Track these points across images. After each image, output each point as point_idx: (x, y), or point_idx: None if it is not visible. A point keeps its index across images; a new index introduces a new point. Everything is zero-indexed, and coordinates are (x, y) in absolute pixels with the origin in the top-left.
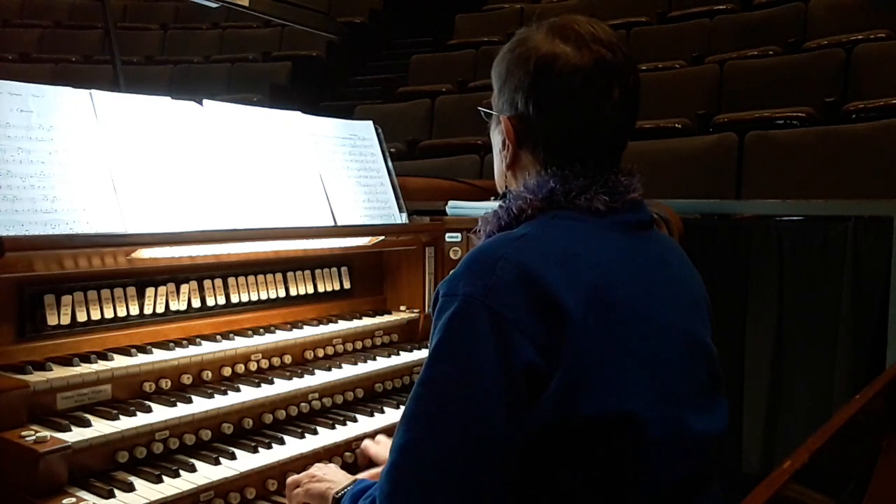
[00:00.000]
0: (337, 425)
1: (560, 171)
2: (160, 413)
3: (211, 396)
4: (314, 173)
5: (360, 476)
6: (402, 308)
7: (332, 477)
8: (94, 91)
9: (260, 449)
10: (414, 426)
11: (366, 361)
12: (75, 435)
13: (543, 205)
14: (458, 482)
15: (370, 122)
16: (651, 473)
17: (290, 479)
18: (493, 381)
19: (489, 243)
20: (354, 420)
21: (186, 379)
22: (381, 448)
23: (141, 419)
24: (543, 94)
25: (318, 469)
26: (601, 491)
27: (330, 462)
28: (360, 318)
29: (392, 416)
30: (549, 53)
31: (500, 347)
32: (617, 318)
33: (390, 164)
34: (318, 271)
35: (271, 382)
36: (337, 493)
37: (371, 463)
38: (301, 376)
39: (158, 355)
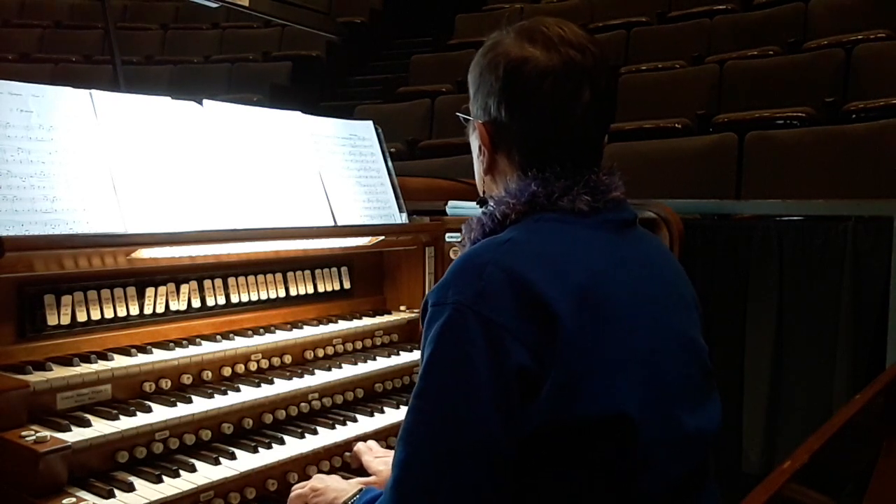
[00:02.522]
0: (337, 425)
1: (541, 174)
2: (160, 413)
3: (211, 396)
4: (314, 173)
5: (355, 480)
6: (402, 308)
7: (336, 486)
8: (94, 91)
9: (260, 449)
10: (413, 439)
11: (366, 361)
12: (75, 435)
13: (526, 208)
14: (459, 492)
15: (370, 122)
16: (646, 473)
17: (294, 494)
18: (488, 388)
19: (475, 249)
20: (354, 420)
21: (186, 379)
22: (371, 457)
23: (141, 419)
24: (514, 98)
25: (320, 481)
26: (597, 491)
27: (330, 462)
28: (360, 318)
29: (392, 416)
30: (518, 57)
31: (493, 353)
32: (606, 318)
33: (390, 164)
34: (318, 271)
35: (271, 382)
36: (343, 502)
37: (363, 466)
38: (301, 376)
39: (158, 355)
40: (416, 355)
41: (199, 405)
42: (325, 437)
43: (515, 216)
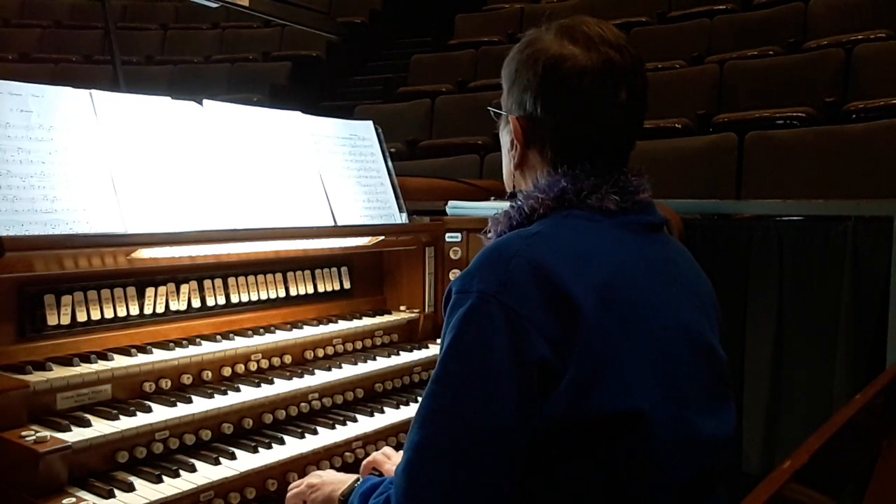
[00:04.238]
0: (337, 425)
1: (571, 171)
2: (160, 413)
3: (211, 396)
4: (314, 173)
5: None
6: (402, 308)
7: (332, 479)
8: (94, 91)
9: (260, 449)
10: (428, 423)
11: (366, 361)
12: (75, 435)
13: (555, 204)
14: (472, 478)
15: (370, 122)
16: (657, 473)
17: (291, 493)
18: (507, 377)
19: (503, 240)
20: (354, 420)
21: (186, 379)
22: (392, 465)
23: (141, 419)
24: (551, 95)
25: (315, 477)
26: (608, 488)
27: (330, 462)
28: (360, 318)
29: (392, 416)
30: (558, 55)
31: (514, 343)
32: (626, 317)
33: (390, 164)
34: (318, 271)
35: (271, 382)
36: (342, 493)
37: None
38: (301, 376)
39: (158, 355)
40: (416, 355)
41: (199, 405)
42: (325, 437)
43: (543, 211)
